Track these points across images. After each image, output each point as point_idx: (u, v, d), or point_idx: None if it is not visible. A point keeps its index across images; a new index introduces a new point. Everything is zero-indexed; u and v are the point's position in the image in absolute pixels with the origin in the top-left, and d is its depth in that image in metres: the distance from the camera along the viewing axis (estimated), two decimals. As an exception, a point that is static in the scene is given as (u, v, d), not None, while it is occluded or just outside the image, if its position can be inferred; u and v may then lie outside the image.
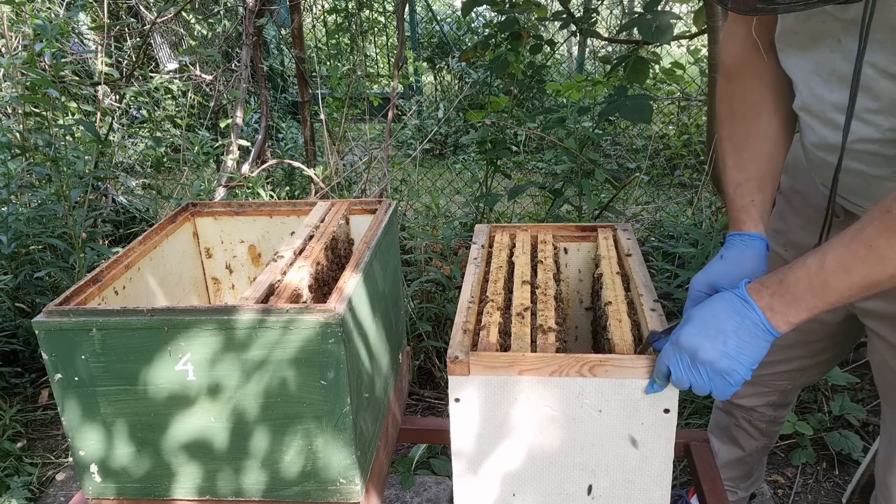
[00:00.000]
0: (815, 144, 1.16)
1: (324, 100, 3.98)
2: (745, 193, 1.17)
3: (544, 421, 1.11)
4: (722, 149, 1.21)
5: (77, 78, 4.34)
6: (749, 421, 1.71)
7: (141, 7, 4.67)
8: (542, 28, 4.61)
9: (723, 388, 1.01)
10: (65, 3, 4.18)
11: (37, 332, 1.14)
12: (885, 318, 1.24)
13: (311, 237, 1.50)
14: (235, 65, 4.23)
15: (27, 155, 3.09)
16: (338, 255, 1.55)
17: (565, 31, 3.48)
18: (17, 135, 3.16)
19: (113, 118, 3.92)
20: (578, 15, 2.99)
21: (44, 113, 3.26)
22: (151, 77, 4.23)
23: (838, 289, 0.92)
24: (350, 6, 5.38)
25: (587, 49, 5.99)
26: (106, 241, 3.51)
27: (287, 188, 4.06)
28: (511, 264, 1.43)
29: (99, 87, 3.85)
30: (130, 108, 4.55)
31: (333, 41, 5.96)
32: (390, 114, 3.52)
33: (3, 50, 3.75)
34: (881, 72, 0.96)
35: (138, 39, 4.53)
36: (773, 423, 1.73)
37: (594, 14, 3.39)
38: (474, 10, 3.67)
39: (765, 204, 1.17)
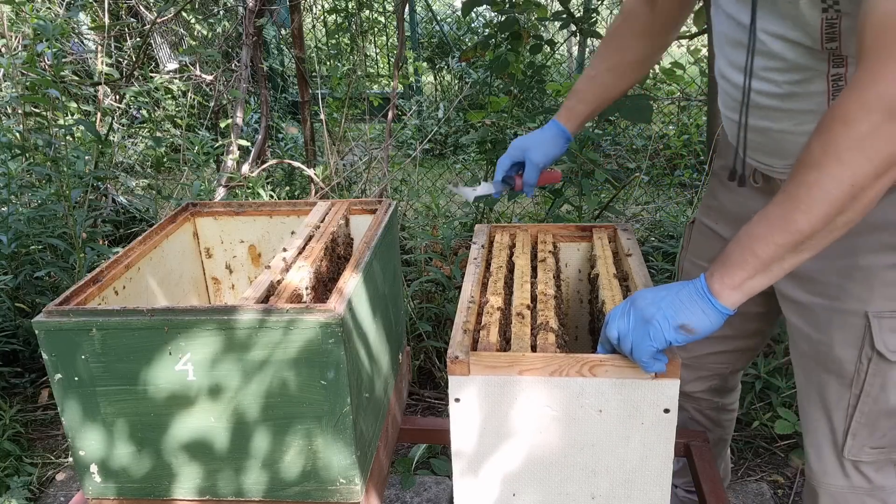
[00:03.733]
0: (725, 105, 1.31)
1: (324, 100, 3.98)
2: (577, 101, 1.48)
3: (544, 421, 1.11)
4: (592, 59, 1.52)
5: (77, 78, 4.33)
6: (700, 411, 1.73)
7: (141, 7, 4.67)
8: (542, 28, 4.60)
9: (641, 339, 1.02)
10: (65, 3, 4.18)
11: (37, 332, 1.14)
12: (790, 277, 1.27)
13: (311, 237, 1.50)
14: (235, 65, 4.23)
15: (27, 155, 3.09)
16: (338, 255, 1.55)
17: (565, 31, 3.48)
18: (17, 135, 3.16)
19: (113, 118, 3.92)
20: (578, 15, 2.98)
21: (44, 113, 3.26)
22: (151, 77, 4.23)
23: (763, 238, 0.96)
24: (350, 6, 5.38)
25: (587, 49, 5.99)
26: (106, 241, 3.51)
27: (287, 188, 4.05)
28: (511, 264, 1.43)
29: (99, 87, 3.85)
30: (130, 108, 4.55)
31: (333, 41, 5.95)
32: (390, 114, 3.52)
33: (3, 50, 3.75)
34: (772, 35, 1.10)
35: (138, 39, 4.52)
36: (722, 410, 1.75)
37: (594, 14, 3.39)
38: (474, 10, 3.67)
39: (584, 116, 1.50)
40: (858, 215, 0.93)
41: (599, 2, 4.51)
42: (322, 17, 5.97)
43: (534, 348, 1.13)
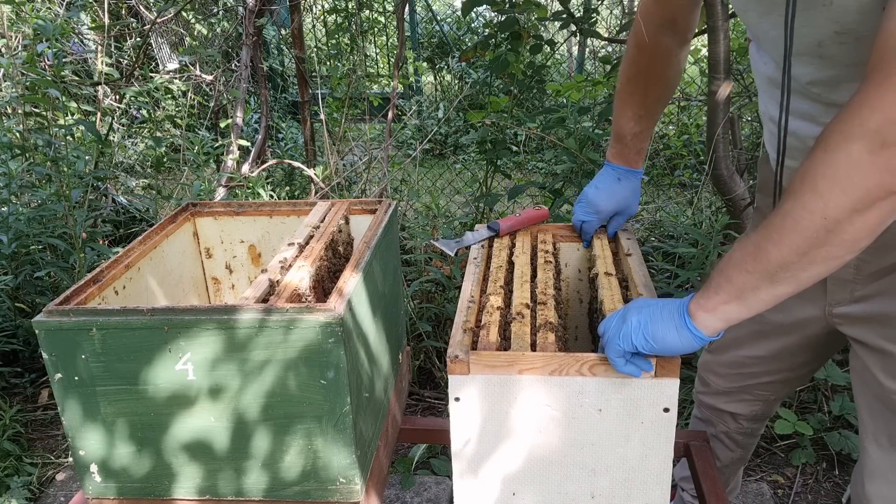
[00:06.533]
0: (772, 147, 1.27)
1: (324, 100, 3.98)
2: (640, 141, 1.49)
3: (544, 420, 1.11)
4: (622, 100, 1.48)
5: (77, 78, 4.33)
6: (727, 433, 1.73)
7: (141, 7, 4.67)
8: (542, 28, 4.60)
9: (613, 335, 1.04)
10: (65, 3, 4.18)
11: (37, 331, 1.14)
12: (864, 321, 1.26)
13: (311, 237, 1.50)
14: (235, 65, 4.23)
15: (27, 155, 3.09)
16: (338, 255, 1.55)
17: (565, 31, 3.48)
18: (17, 135, 3.16)
19: (113, 118, 3.92)
20: (578, 15, 2.98)
21: (44, 113, 3.26)
22: (151, 77, 4.23)
23: (738, 264, 0.94)
24: (350, 6, 5.38)
25: (587, 49, 5.99)
26: (106, 241, 3.51)
27: (287, 188, 4.05)
28: (511, 264, 1.43)
29: (99, 87, 3.85)
30: (130, 108, 4.55)
31: (333, 41, 5.95)
32: (390, 114, 3.52)
33: (2, 50, 3.75)
34: (811, 83, 1.05)
35: (138, 39, 4.53)
36: (750, 436, 1.75)
37: (594, 14, 3.39)
38: (474, 10, 3.67)
39: (644, 151, 1.53)
40: (845, 251, 0.85)
41: (599, 2, 4.51)
42: (322, 17, 5.97)
43: (533, 347, 1.13)
